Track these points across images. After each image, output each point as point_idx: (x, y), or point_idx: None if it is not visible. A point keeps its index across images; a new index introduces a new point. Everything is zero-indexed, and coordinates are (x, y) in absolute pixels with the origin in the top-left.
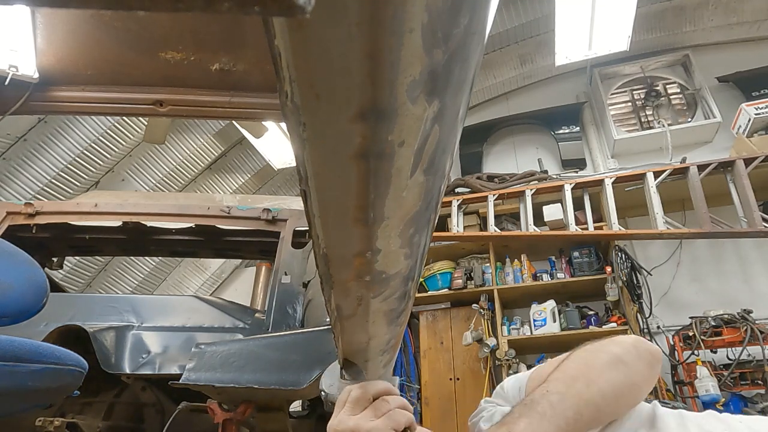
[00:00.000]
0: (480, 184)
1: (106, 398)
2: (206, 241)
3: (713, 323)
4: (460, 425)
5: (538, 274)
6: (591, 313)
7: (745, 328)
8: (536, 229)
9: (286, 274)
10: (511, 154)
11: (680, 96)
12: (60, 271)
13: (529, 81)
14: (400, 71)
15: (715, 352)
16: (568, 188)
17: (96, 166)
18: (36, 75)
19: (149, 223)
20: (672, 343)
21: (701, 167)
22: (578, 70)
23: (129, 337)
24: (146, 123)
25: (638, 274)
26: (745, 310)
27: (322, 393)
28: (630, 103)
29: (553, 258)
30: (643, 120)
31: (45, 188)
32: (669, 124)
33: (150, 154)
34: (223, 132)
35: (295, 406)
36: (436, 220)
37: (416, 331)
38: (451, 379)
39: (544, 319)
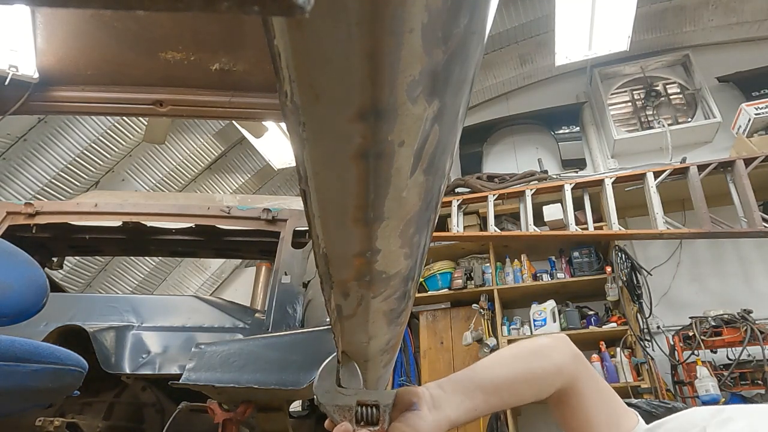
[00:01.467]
0: (480, 184)
1: (106, 398)
2: (206, 241)
3: (713, 323)
4: (459, 425)
5: (538, 274)
6: (591, 313)
7: (745, 328)
8: (536, 229)
9: (286, 274)
10: (511, 154)
11: (680, 96)
12: (60, 271)
13: (529, 81)
14: (400, 71)
15: (715, 352)
16: (568, 188)
17: (96, 166)
18: (36, 75)
19: (149, 223)
20: (672, 343)
21: (701, 167)
22: (578, 70)
23: (129, 337)
24: (146, 123)
25: (638, 274)
26: (745, 310)
27: (316, 398)
28: (630, 103)
29: (553, 258)
30: (643, 120)
31: (45, 188)
32: (669, 124)
33: (150, 154)
34: (223, 132)
35: (295, 406)
36: (436, 220)
37: (416, 331)
38: None
39: (544, 319)
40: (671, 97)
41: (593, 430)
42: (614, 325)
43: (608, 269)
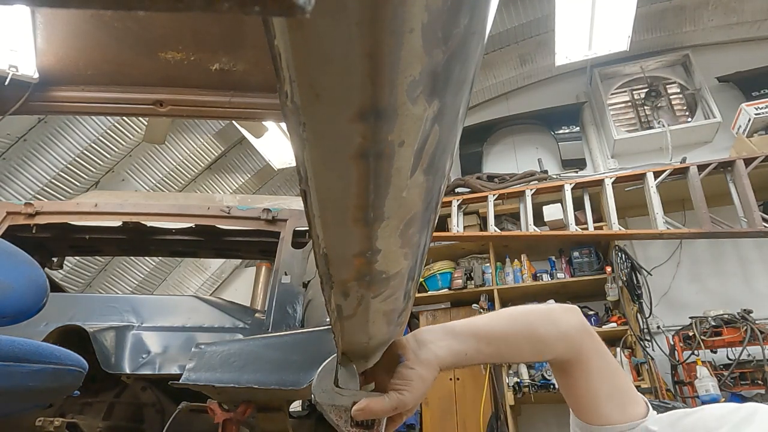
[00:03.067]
0: (480, 184)
1: (106, 398)
2: (206, 241)
3: (713, 323)
4: (459, 425)
5: (538, 274)
6: (591, 313)
7: (745, 328)
8: (536, 229)
9: (286, 274)
10: (511, 154)
11: (680, 96)
12: (60, 271)
13: (529, 81)
14: (400, 71)
15: (715, 352)
16: (568, 188)
17: (96, 166)
18: (36, 75)
19: (149, 223)
20: (672, 343)
21: (701, 167)
22: (578, 70)
23: (129, 337)
24: (146, 123)
25: (638, 274)
26: (745, 310)
27: (313, 397)
28: (630, 103)
29: (553, 258)
30: (643, 120)
31: (45, 188)
32: (669, 124)
33: (150, 154)
34: (223, 132)
35: (295, 406)
36: (436, 220)
37: None
38: (450, 379)
39: None
40: (671, 97)
41: (593, 403)
42: (614, 325)
43: (608, 269)
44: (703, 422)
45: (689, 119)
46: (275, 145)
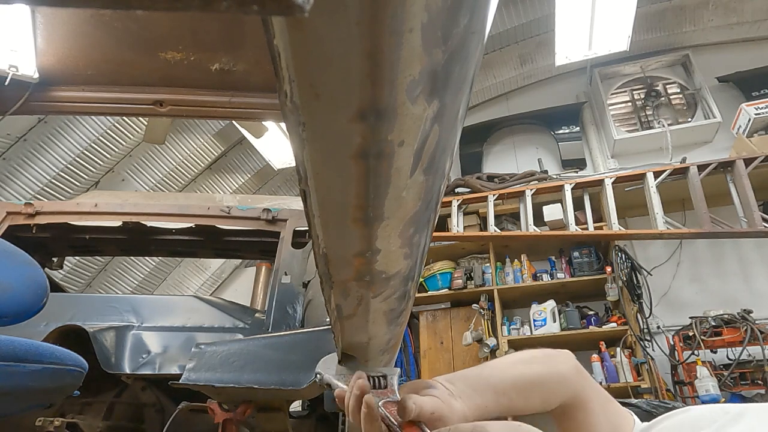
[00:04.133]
0: (480, 184)
1: (106, 398)
2: (206, 241)
3: (713, 323)
4: None
5: (538, 274)
6: (591, 313)
7: (745, 328)
8: (536, 229)
9: (286, 274)
10: (511, 154)
11: (680, 96)
12: (60, 271)
13: (529, 81)
14: (400, 71)
15: (715, 352)
16: (568, 188)
17: (96, 166)
18: (36, 75)
19: (149, 223)
20: (672, 343)
21: (701, 167)
22: (578, 70)
23: (129, 337)
24: (146, 123)
25: (638, 274)
26: (745, 310)
27: (317, 376)
28: (630, 103)
29: (553, 258)
30: (643, 120)
31: (45, 188)
32: (669, 124)
33: (150, 154)
34: (223, 132)
35: (295, 406)
36: (436, 220)
37: (416, 331)
38: None
39: (544, 319)
40: (671, 97)
41: None
42: (614, 325)
43: (608, 269)
44: (689, 422)
45: (689, 119)
46: (275, 145)
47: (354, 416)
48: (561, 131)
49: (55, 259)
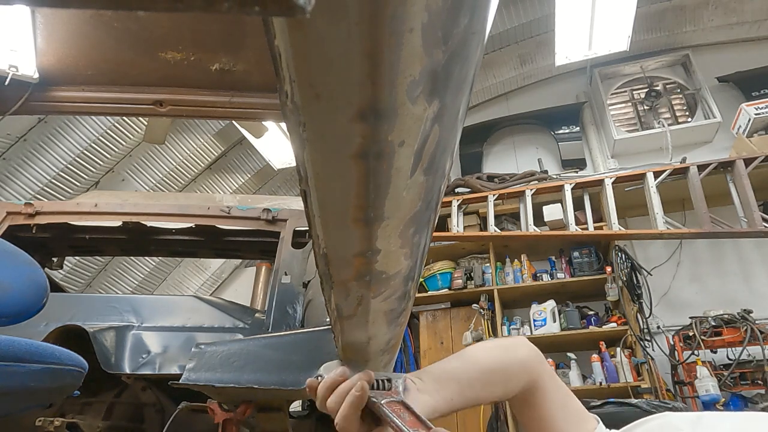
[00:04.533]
0: (480, 184)
1: (106, 398)
2: (206, 241)
3: (713, 323)
4: (459, 425)
5: (538, 274)
6: (591, 313)
7: (745, 328)
8: (536, 229)
9: (286, 274)
10: (511, 154)
11: (680, 96)
12: (60, 271)
13: (529, 81)
14: (400, 71)
15: (715, 352)
16: (568, 188)
17: (96, 166)
18: (36, 75)
19: (149, 223)
20: (672, 343)
21: (701, 167)
22: (578, 70)
23: (129, 337)
24: (146, 123)
25: (638, 274)
26: (745, 310)
27: (319, 378)
28: (630, 103)
29: (553, 258)
30: (643, 120)
31: (45, 188)
32: (669, 124)
33: (150, 154)
34: (223, 132)
35: (295, 406)
36: (436, 220)
37: (416, 331)
38: None
39: (544, 319)
40: (671, 97)
41: (556, 427)
42: (614, 325)
43: (608, 269)
44: (656, 430)
45: (689, 119)
46: (275, 145)
47: (321, 404)
48: (561, 131)
49: (55, 259)
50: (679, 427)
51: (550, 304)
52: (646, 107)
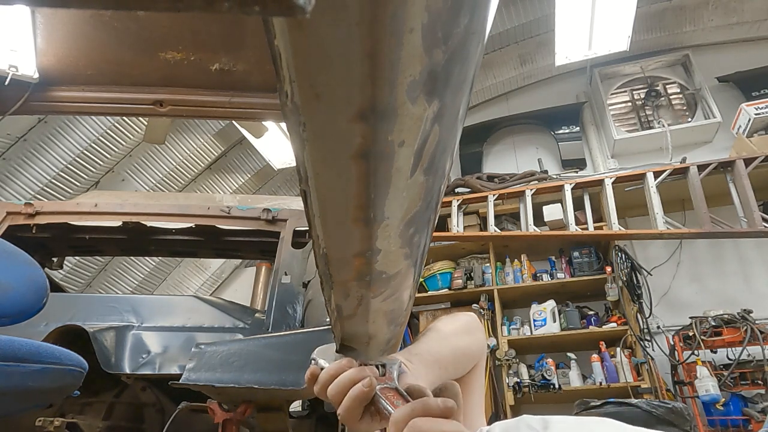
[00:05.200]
0: (480, 184)
1: (106, 398)
2: (206, 241)
3: (713, 323)
4: None
5: (538, 274)
6: (591, 313)
7: (745, 328)
8: (536, 229)
9: (286, 274)
10: (511, 154)
11: (680, 96)
12: (60, 271)
13: (529, 81)
14: (400, 71)
15: (715, 352)
16: (568, 188)
17: (96, 166)
18: (36, 75)
19: (149, 223)
20: (672, 343)
21: (701, 167)
22: (578, 70)
23: (129, 337)
24: (146, 123)
25: (638, 274)
26: (745, 310)
27: (312, 361)
28: (630, 103)
29: (553, 258)
30: (643, 120)
31: (45, 188)
32: (669, 124)
33: (150, 154)
34: (223, 132)
35: (295, 406)
36: (436, 220)
37: (416, 331)
38: None
39: (544, 319)
40: (671, 97)
41: (477, 411)
42: (614, 325)
43: (608, 269)
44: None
45: (689, 119)
46: (275, 145)
47: (321, 392)
48: (561, 131)
49: (55, 259)
50: (532, 427)
51: (550, 304)
52: (646, 107)
